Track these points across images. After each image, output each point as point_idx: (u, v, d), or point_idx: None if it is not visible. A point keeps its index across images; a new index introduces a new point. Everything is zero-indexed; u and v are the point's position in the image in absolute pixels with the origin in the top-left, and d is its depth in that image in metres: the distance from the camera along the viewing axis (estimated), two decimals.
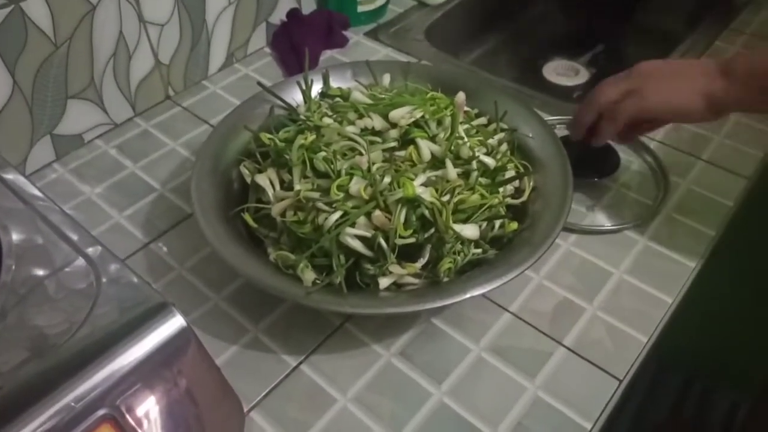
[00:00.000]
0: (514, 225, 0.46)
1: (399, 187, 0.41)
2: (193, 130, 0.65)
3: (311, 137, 0.45)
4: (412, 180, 0.42)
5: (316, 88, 0.57)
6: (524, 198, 0.48)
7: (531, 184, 0.48)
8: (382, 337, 0.46)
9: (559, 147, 0.51)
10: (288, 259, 0.43)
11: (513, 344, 0.46)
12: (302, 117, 0.51)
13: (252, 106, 0.55)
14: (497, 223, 0.45)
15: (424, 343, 0.46)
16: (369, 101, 0.50)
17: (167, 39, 0.64)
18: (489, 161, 0.46)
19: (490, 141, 0.49)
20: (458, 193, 0.43)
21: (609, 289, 0.50)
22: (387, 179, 0.42)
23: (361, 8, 0.78)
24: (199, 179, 0.48)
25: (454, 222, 0.42)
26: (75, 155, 0.61)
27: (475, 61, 0.90)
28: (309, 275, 0.41)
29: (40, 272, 0.37)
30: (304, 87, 0.55)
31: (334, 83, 0.57)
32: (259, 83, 0.54)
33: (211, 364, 0.36)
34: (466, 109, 0.51)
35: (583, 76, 0.91)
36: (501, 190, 0.47)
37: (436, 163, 0.45)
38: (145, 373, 0.33)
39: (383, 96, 0.50)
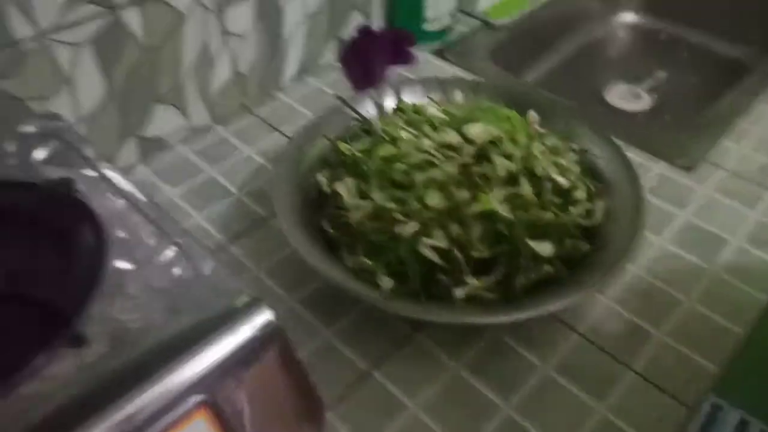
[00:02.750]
0: (586, 245, 0.46)
1: (476, 202, 0.42)
2: (267, 138, 0.67)
3: (391, 149, 0.47)
4: (489, 195, 0.43)
5: (389, 103, 0.59)
6: (596, 219, 0.48)
7: (603, 205, 0.49)
8: (452, 349, 0.47)
9: (631, 169, 0.51)
10: (365, 265, 0.44)
11: (581, 364, 0.46)
12: (378, 130, 0.52)
13: (328, 118, 0.58)
14: (568, 242, 0.46)
15: (492, 357, 0.47)
16: (444, 117, 0.51)
17: (246, 51, 0.67)
18: (562, 180, 0.47)
19: (562, 161, 0.50)
20: (532, 211, 0.44)
21: (678, 315, 0.50)
22: (464, 193, 0.43)
23: (428, 26, 0.80)
24: (278, 184, 0.50)
25: (528, 239, 0.43)
26: (158, 157, 0.64)
27: (538, 82, 0.90)
28: (387, 282, 0.42)
29: (137, 262, 0.39)
30: (378, 100, 0.57)
31: (406, 98, 0.59)
32: (339, 97, 0.57)
33: (297, 361, 0.38)
34: (537, 128, 0.52)
35: (645, 103, 0.91)
36: (572, 210, 0.48)
37: (511, 180, 0.46)
38: (236, 364, 0.35)
39: (458, 113, 0.52)
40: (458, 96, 0.56)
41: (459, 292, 0.42)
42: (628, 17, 1.04)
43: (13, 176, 0.45)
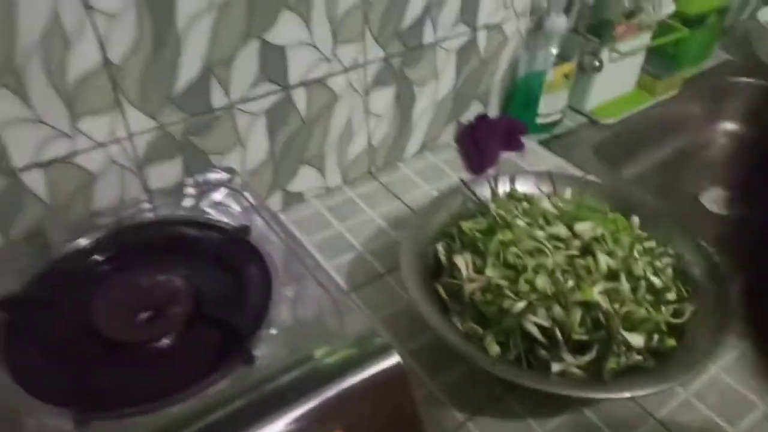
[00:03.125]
0: (673, 342, 0.52)
1: (579, 290, 0.50)
2: (387, 203, 0.77)
3: (509, 235, 0.55)
4: (591, 287, 0.50)
5: (501, 189, 0.67)
6: (684, 319, 0.54)
7: (691, 308, 0.54)
8: (537, 415, 0.53)
9: (720, 278, 0.57)
10: (474, 331, 0.52)
11: None
12: (494, 213, 0.61)
13: (449, 195, 0.67)
14: (656, 336, 0.52)
15: (573, 428, 0.52)
16: (555, 211, 0.59)
17: (381, 127, 0.78)
18: (656, 281, 0.53)
19: (657, 263, 0.56)
20: (627, 305, 0.50)
21: (753, 418, 0.54)
22: (570, 282, 0.50)
23: (540, 120, 0.89)
24: (405, 248, 0.59)
25: (622, 329, 0.49)
26: (296, 209, 0.75)
27: (635, 178, 0.97)
28: (494, 348, 0.50)
29: (293, 297, 0.49)
30: (493, 186, 0.66)
31: (519, 187, 0.67)
32: (461, 179, 0.66)
33: (415, 402, 0.45)
34: (638, 231, 0.59)
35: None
36: (663, 308, 0.54)
37: (611, 275, 0.53)
38: (367, 399, 0.43)
39: (566, 207, 0.59)
40: (567, 192, 0.64)
41: (556, 367, 0.48)
42: (729, 126, 1.09)
43: (199, 217, 0.56)
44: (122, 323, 0.45)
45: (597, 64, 0.88)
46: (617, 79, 0.96)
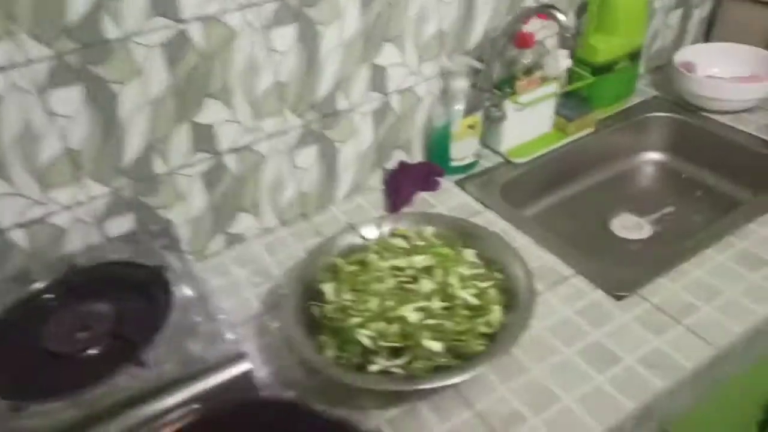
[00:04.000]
0: (480, 346, 0.67)
1: (396, 309, 0.65)
2: (315, 240, 0.94)
3: (354, 267, 0.71)
4: (407, 305, 0.66)
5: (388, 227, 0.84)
6: (492, 330, 0.68)
7: (500, 319, 0.69)
8: (380, 407, 0.69)
9: (533, 290, 0.71)
10: (323, 342, 0.68)
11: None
12: (368, 249, 0.77)
13: (342, 236, 0.83)
14: (465, 343, 0.67)
15: (406, 416, 0.68)
16: (408, 246, 0.75)
17: (309, 177, 0.96)
18: (473, 300, 0.68)
19: (480, 285, 0.71)
20: (437, 319, 0.66)
21: (555, 408, 0.67)
22: (391, 302, 0.66)
23: (453, 163, 1.04)
24: (290, 279, 0.76)
25: (432, 339, 0.65)
26: (238, 247, 0.94)
27: (543, 212, 1.10)
28: (329, 353, 0.66)
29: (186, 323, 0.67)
30: (378, 228, 0.83)
31: (404, 226, 0.83)
32: (349, 224, 0.83)
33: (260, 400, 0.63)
34: (472, 260, 0.74)
35: (645, 233, 1.06)
36: (479, 320, 0.68)
37: (430, 296, 0.68)
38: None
39: (417, 243, 0.75)
40: (429, 230, 0.80)
41: (372, 367, 0.64)
42: (655, 156, 1.20)
43: (136, 258, 0.76)
44: (62, 340, 0.65)
45: (499, 114, 1.03)
46: (532, 123, 1.10)
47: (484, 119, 1.04)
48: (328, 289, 0.73)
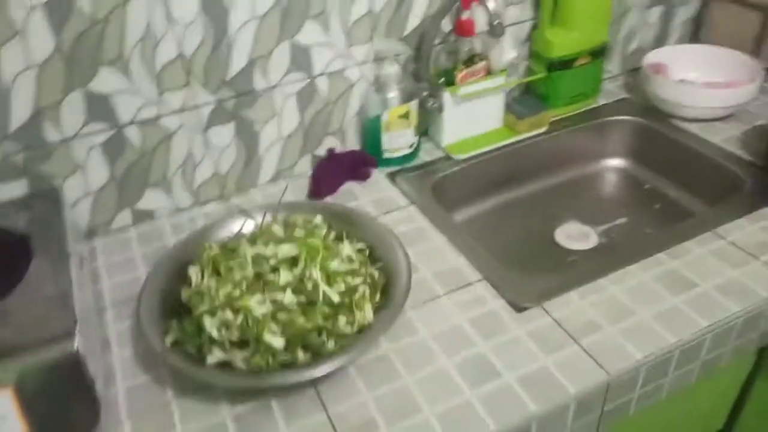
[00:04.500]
0: (331, 347, 0.62)
1: (242, 299, 0.61)
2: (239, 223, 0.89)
3: (216, 251, 0.67)
4: (254, 296, 0.61)
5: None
6: (353, 330, 0.63)
7: (370, 319, 0.64)
8: (232, 402, 0.64)
9: (407, 287, 0.66)
10: (170, 326, 0.64)
11: None
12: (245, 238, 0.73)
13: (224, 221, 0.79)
14: (317, 340, 0.62)
15: (255, 412, 0.63)
16: (282, 235, 0.70)
17: (227, 157, 0.92)
18: (333, 296, 0.63)
19: (350, 281, 0.66)
20: (287, 314, 0.61)
21: (414, 420, 0.61)
22: (237, 292, 0.61)
23: (386, 154, 0.99)
24: (158, 263, 0.72)
25: (276, 334, 0.60)
26: (146, 224, 0.91)
27: (483, 214, 1.03)
28: (169, 339, 0.62)
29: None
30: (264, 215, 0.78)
31: (300, 215, 0.79)
32: (241, 209, 0.78)
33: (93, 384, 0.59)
34: (348, 253, 0.69)
35: (590, 243, 0.99)
36: (341, 317, 0.63)
37: (290, 288, 0.63)
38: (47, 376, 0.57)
39: (294, 233, 0.70)
40: (318, 219, 0.75)
41: (209, 359, 0.60)
42: (615, 162, 1.11)
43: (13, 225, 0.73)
44: None
45: (435, 105, 0.97)
46: (478, 118, 1.03)
47: (422, 110, 0.98)
48: (193, 271, 0.69)
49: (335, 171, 0.98)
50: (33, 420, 0.57)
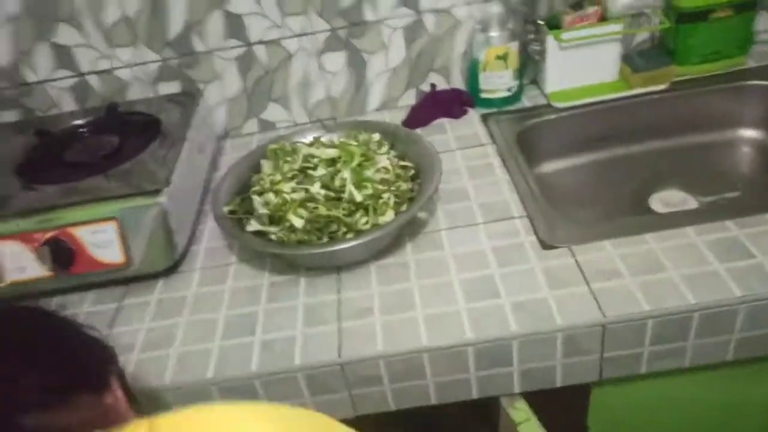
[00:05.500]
0: (348, 236, 0.71)
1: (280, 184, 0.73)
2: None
3: (277, 147, 0.80)
4: (289, 183, 0.73)
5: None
6: (365, 227, 0.71)
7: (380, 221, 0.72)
8: (273, 273, 0.78)
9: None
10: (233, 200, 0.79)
11: None
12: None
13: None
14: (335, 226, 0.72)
15: (284, 284, 0.76)
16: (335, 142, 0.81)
17: (338, 82, 1.04)
18: (356, 195, 0.72)
19: (379, 187, 0.74)
20: (313, 203, 0.71)
21: (405, 317, 0.69)
22: (278, 178, 0.74)
23: (483, 95, 1.02)
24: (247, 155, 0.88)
25: (298, 216, 0.71)
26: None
27: (575, 167, 1.00)
28: (227, 208, 0.77)
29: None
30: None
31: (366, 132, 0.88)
32: (320, 120, 0.90)
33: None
34: (384, 165, 0.76)
35: (688, 205, 0.91)
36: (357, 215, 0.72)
37: (320, 182, 0.74)
38: None
39: (348, 143, 0.80)
40: (376, 137, 0.83)
41: (249, 227, 0.73)
42: (749, 133, 0.99)
43: (159, 113, 0.94)
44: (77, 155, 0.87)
45: (538, 49, 0.97)
46: (588, 66, 0.99)
47: (526, 55, 0.99)
48: (264, 163, 0.82)
49: (432, 106, 1.04)
50: (127, 251, 0.77)
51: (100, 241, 0.75)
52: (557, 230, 0.76)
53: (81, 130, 0.94)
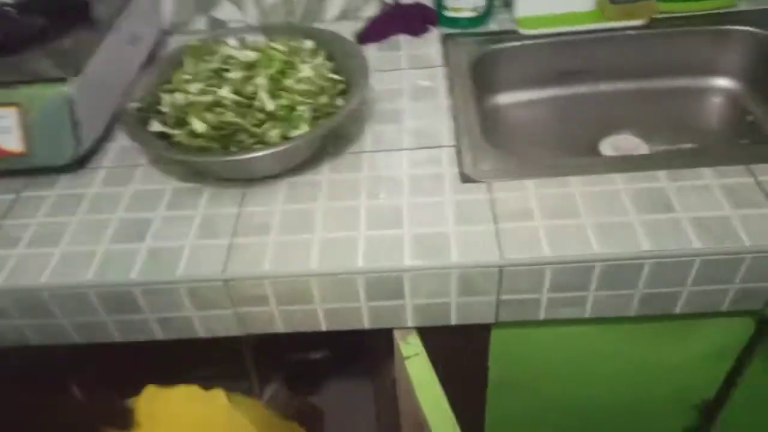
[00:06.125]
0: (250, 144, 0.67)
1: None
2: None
3: (196, 44, 0.74)
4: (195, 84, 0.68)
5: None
6: (272, 140, 0.67)
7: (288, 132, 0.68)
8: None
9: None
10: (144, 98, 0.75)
11: None
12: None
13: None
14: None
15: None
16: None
17: None
18: (268, 104, 0.67)
19: (297, 98, 0.69)
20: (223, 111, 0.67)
21: (310, 239, 0.66)
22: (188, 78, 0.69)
23: (447, 13, 0.94)
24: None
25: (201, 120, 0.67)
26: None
27: (529, 102, 0.94)
28: (135, 105, 0.73)
29: None
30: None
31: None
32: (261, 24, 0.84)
33: None
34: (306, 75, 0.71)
35: (639, 151, 0.86)
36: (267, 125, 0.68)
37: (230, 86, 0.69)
38: None
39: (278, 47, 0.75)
40: (308, 44, 0.77)
41: (150, 126, 0.69)
42: (722, 82, 0.92)
43: None
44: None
45: None
46: None
47: None
48: (186, 60, 0.77)
49: (391, 20, 0.97)
50: (28, 140, 0.73)
51: (0, 127, 0.71)
52: (481, 164, 0.71)
53: (7, 8, 0.89)
